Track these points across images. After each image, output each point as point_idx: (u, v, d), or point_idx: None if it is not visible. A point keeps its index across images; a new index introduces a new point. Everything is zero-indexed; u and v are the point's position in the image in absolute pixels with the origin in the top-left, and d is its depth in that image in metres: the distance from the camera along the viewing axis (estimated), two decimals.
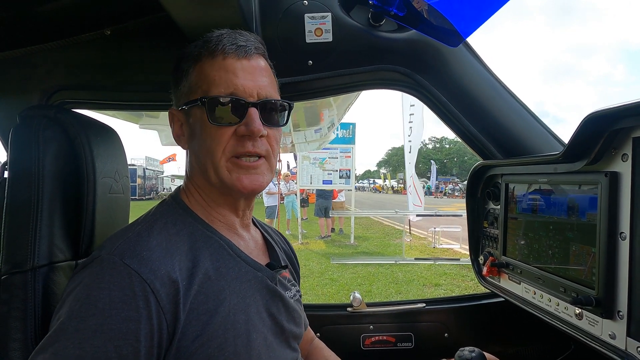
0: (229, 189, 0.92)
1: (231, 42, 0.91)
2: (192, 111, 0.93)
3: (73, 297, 0.76)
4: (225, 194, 0.95)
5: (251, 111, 0.90)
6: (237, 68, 0.90)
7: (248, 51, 0.92)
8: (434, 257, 8.79)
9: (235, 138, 0.90)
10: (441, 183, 60.91)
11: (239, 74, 0.90)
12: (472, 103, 1.35)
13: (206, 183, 0.95)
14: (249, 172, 0.91)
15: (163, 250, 0.82)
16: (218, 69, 0.90)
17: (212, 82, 0.90)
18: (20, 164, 0.98)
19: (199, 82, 0.92)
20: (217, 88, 0.89)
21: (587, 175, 1.00)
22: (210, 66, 0.91)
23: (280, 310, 0.99)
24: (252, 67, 0.92)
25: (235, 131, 0.90)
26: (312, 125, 7.38)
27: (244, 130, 0.89)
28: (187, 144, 0.98)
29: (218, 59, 0.91)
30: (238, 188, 0.91)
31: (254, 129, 0.89)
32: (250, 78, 0.91)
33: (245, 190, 0.92)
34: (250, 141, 0.90)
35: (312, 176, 11.61)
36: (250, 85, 0.91)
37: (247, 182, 0.91)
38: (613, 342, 0.92)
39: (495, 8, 1.16)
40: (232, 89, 0.89)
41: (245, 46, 0.92)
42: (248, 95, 0.90)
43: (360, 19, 1.30)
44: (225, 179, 0.91)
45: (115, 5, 1.20)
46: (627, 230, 0.88)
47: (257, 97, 0.91)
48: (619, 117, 0.88)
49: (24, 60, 1.29)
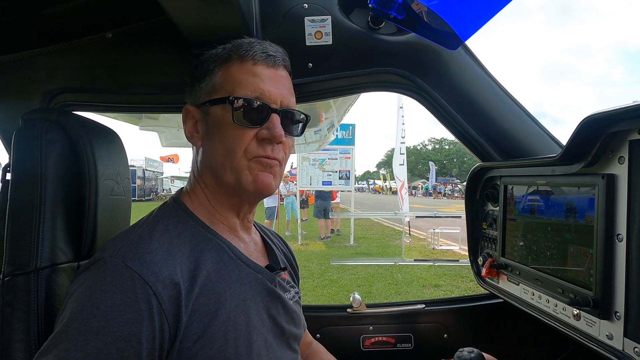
0: (242, 189, 0.93)
1: (262, 50, 0.95)
2: (213, 109, 0.94)
3: (75, 300, 0.76)
4: (233, 195, 0.96)
5: (274, 116, 0.93)
6: (264, 75, 0.94)
7: (277, 61, 0.96)
8: (433, 258, 8.80)
9: (256, 141, 0.92)
10: (440, 184, 60.93)
11: (265, 81, 0.93)
12: (471, 105, 1.36)
13: (215, 183, 0.96)
14: (266, 170, 0.94)
15: (165, 252, 0.83)
16: (247, 72, 0.93)
17: (239, 84, 0.92)
18: (23, 166, 0.99)
19: (224, 83, 0.94)
20: (244, 90, 0.92)
21: (584, 178, 1.01)
22: (238, 69, 0.94)
23: (279, 311, 1.00)
24: (278, 77, 0.96)
25: (257, 134, 0.92)
26: (311, 127, 7.38)
27: (266, 134, 0.92)
28: (200, 141, 0.98)
29: (248, 63, 0.94)
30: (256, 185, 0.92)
31: (276, 134, 0.91)
32: (276, 86, 0.95)
33: (261, 185, 0.93)
34: (270, 145, 0.93)
35: (311, 177, 11.62)
36: (276, 92, 0.94)
37: (264, 178, 0.93)
38: (610, 343, 0.93)
39: (494, 11, 1.17)
40: (258, 93, 0.92)
41: (275, 56, 0.96)
42: (272, 101, 0.93)
43: (360, 21, 1.31)
44: (243, 179, 0.92)
45: (117, 9, 1.21)
46: (624, 232, 0.89)
47: (280, 104, 0.95)
48: (615, 120, 0.89)
49: (26, 63, 1.30)
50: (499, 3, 1.16)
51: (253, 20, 1.23)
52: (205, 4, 1.01)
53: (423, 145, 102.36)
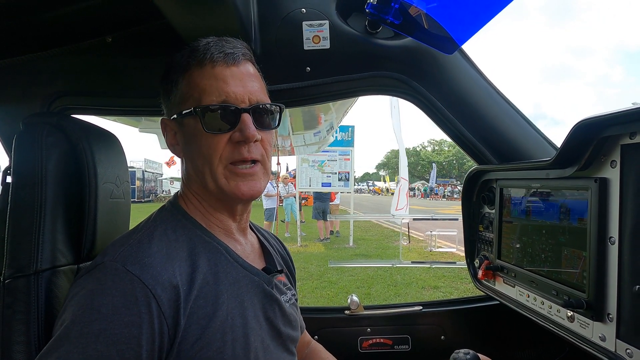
0: (227, 195, 0.94)
1: (219, 50, 0.92)
2: (186, 120, 0.93)
3: (76, 303, 0.77)
4: (223, 199, 0.97)
5: (244, 117, 0.91)
6: (226, 75, 0.92)
7: (236, 58, 0.93)
8: (430, 260, 8.79)
9: (231, 144, 0.92)
10: (440, 185, 60.97)
11: (229, 81, 0.91)
12: (468, 109, 1.38)
13: (203, 190, 0.97)
14: (246, 179, 0.93)
15: (164, 256, 0.84)
16: (208, 77, 0.91)
17: (203, 90, 0.91)
18: (24, 169, 1.00)
19: (190, 92, 0.92)
20: (209, 96, 0.90)
21: (577, 181, 1.03)
22: (199, 75, 0.92)
23: (276, 314, 1.01)
24: (241, 74, 0.93)
25: (230, 137, 0.91)
26: (311, 129, 7.40)
27: (238, 136, 0.91)
28: (182, 152, 0.99)
29: (207, 67, 0.92)
30: (237, 195, 0.93)
31: (249, 134, 0.90)
32: (241, 84, 0.92)
33: (244, 197, 0.93)
34: (246, 147, 0.92)
35: (311, 179, 11.63)
36: (241, 91, 0.92)
37: (245, 189, 0.93)
38: (603, 344, 0.95)
39: (489, 16, 1.19)
40: (223, 97, 0.91)
41: (233, 53, 0.93)
42: (240, 101, 0.92)
43: (358, 26, 1.32)
44: (223, 187, 0.92)
45: (117, 13, 1.22)
46: (616, 235, 0.91)
47: (249, 102, 0.93)
48: (607, 125, 0.91)
49: (26, 67, 1.31)
50: (494, 8, 1.17)
51: (251, 24, 1.24)
52: (204, 8, 1.02)
53: (422, 146, 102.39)
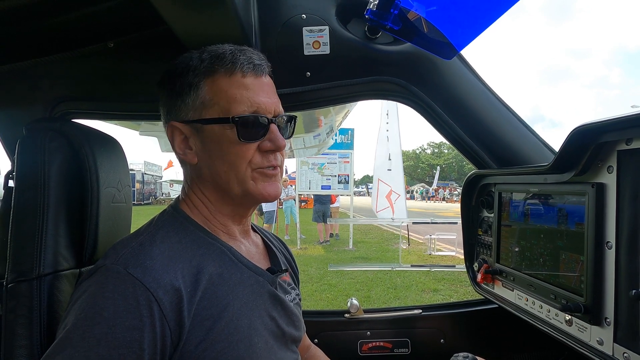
0: (253, 197, 0.96)
1: (248, 61, 0.94)
2: (209, 127, 0.93)
3: (78, 306, 0.78)
4: (241, 203, 0.99)
5: (273, 127, 0.95)
6: (256, 86, 0.95)
7: (263, 70, 0.97)
8: (429, 263, 8.78)
9: (260, 152, 0.95)
10: (440, 188, 61.00)
11: (258, 92, 0.94)
12: (467, 114, 1.39)
13: (219, 196, 0.97)
14: (271, 181, 0.97)
15: (166, 259, 0.84)
16: (238, 86, 0.93)
17: (234, 99, 0.92)
18: (27, 173, 1.01)
19: (216, 98, 0.92)
20: (240, 106, 0.92)
21: (575, 186, 1.04)
22: (227, 83, 0.93)
23: (280, 314, 1.02)
24: (267, 85, 0.98)
25: (259, 146, 0.94)
26: (310, 131, 7.40)
27: (269, 145, 0.94)
28: (196, 157, 0.96)
29: (237, 76, 0.93)
30: (264, 196, 0.96)
31: (280, 144, 0.95)
32: (267, 96, 0.96)
33: (270, 197, 0.97)
34: (274, 155, 0.96)
35: (310, 181, 11.65)
36: (269, 102, 0.96)
37: (271, 190, 0.97)
38: (601, 348, 0.95)
39: (488, 22, 1.20)
40: (255, 107, 0.93)
41: (260, 65, 0.97)
42: (268, 112, 0.95)
43: (357, 31, 1.33)
44: (250, 189, 0.95)
45: (119, 18, 1.23)
46: (613, 240, 0.92)
47: (274, 113, 0.97)
48: (604, 131, 0.92)
49: (29, 72, 1.32)
50: (493, 14, 1.19)
51: (252, 30, 1.26)
52: (205, 14, 1.03)
53: (422, 149, 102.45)
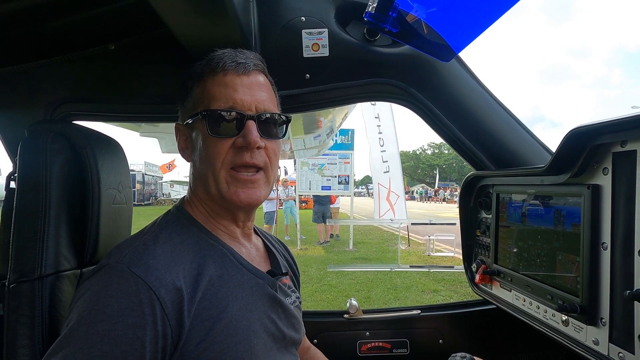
0: (227, 201, 0.96)
1: (231, 60, 0.97)
2: (195, 125, 0.98)
3: (82, 304, 0.79)
4: (224, 206, 0.99)
5: (249, 124, 0.94)
6: (236, 83, 0.96)
7: (247, 67, 0.97)
8: (428, 264, 8.78)
9: (234, 150, 0.94)
10: (440, 188, 61.01)
11: (238, 89, 0.95)
12: (464, 115, 1.40)
13: (207, 195, 0.99)
14: (246, 187, 0.95)
15: (168, 259, 0.86)
16: (218, 84, 0.96)
17: (213, 97, 0.95)
18: (29, 175, 1.02)
19: (202, 98, 0.97)
20: (218, 102, 0.95)
21: (571, 187, 1.05)
22: (211, 82, 0.97)
23: (280, 316, 1.02)
24: (250, 83, 0.97)
25: (234, 143, 0.94)
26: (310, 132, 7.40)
27: (241, 141, 0.94)
28: (190, 156, 1.02)
29: (219, 75, 0.96)
30: (235, 202, 0.95)
31: (251, 140, 0.93)
32: (249, 93, 0.96)
33: (241, 204, 0.96)
34: (248, 152, 0.94)
35: (311, 182, 11.65)
36: (249, 99, 0.96)
37: (243, 196, 0.95)
38: (596, 348, 0.96)
39: (485, 25, 1.21)
40: (231, 103, 0.94)
41: (245, 63, 0.97)
42: (246, 108, 0.95)
43: (356, 34, 1.34)
44: (223, 192, 0.95)
45: (120, 21, 1.24)
46: (608, 241, 0.93)
47: (256, 110, 0.96)
48: (599, 133, 0.93)
49: (30, 75, 1.33)
50: (491, 17, 1.20)
51: (252, 32, 1.27)
52: (206, 17, 1.04)
53: (422, 150, 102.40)
